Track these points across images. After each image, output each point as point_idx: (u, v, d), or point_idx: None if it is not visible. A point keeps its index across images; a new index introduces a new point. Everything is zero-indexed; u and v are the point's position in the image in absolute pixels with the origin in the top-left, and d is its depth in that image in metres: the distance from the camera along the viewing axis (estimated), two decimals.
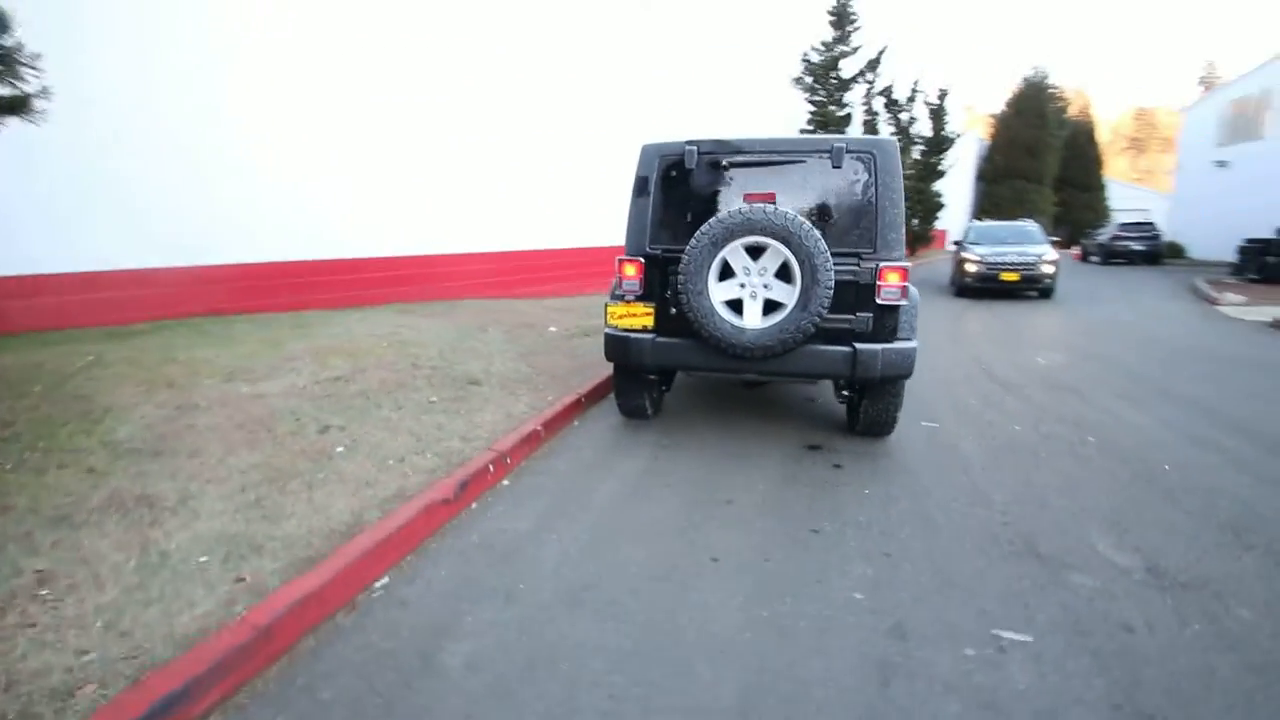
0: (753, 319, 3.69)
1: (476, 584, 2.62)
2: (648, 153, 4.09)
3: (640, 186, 4.08)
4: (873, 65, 15.70)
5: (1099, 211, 33.30)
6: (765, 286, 3.66)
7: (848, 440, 4.37)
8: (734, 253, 3.63)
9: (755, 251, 3.64)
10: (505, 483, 3.60)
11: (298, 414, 4.12)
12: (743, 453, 4.10)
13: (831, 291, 3.51)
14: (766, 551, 2.87)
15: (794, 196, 3.79)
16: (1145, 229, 20.01)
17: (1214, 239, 19.14)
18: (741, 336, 3.65)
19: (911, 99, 18.64)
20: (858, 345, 3.67)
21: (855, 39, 15.23)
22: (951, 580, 2.64)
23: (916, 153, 19.83)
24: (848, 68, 15.52)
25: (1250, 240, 15.53)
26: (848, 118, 15.67)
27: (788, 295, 3.61)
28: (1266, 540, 3.00)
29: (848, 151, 3.72)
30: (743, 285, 3.69)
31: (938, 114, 21.49)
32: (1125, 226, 20.63)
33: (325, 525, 2.82)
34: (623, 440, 4.35)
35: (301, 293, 8.18)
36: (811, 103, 15.50)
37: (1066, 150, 33.02)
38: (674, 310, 3.99)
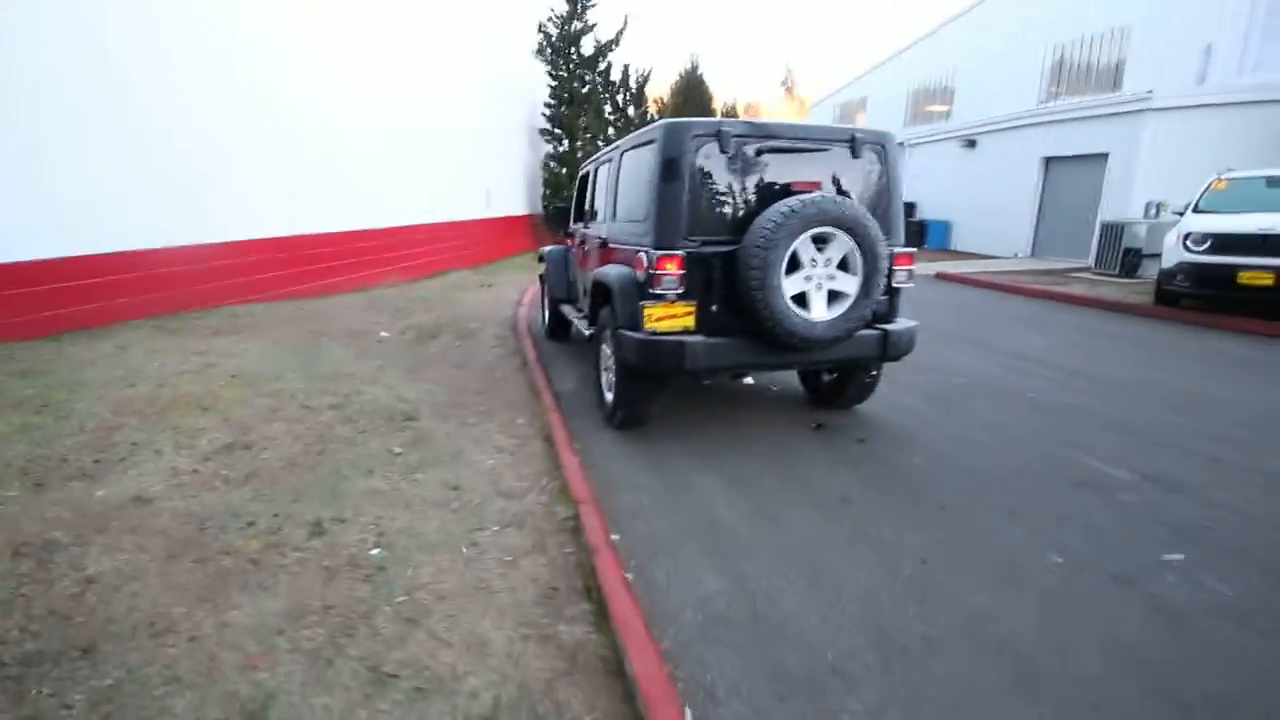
0: (819, 311, 3.52)
1: None
2: (677, 132, 3.52)
3: (670, 170, 3.50)
4: (611, 45, 16.01)
5: None
6: (830, 277, 3.52)
7: (835, 414, 4.52)
8: (804, 244, 3.40)
9: (820, 242, 3.46)
10: (616, 538, 2.85)
11: (238, 514, 2.63)
12: (784, 447, 3.93)
13: (885, 279, 3.56)
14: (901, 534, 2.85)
15: (822, 185, 3.70)
16: None
17: None
18: (813, 330, 3.47)
19: (625, 81, 19.58)
20: (886, 326, 3.81)
21: (592, 15, 15.32)
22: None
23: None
24: (588, 45, 15.56)
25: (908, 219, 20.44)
26: (590, 95, 15.80)
27: (850, 285, 3.54)
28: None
29: (864, 142, 3.75)
30: (808, 278, 3.49)
31: (639, 98, 23.05)
32: None
33: None
34: (655, 460, 3.77)
35: None
36: (553, 77, 15.18)
37: None
38: (714, 308, 3.59)
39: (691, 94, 35.75)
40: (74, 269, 5.79)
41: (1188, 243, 7.45)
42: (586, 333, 4.80)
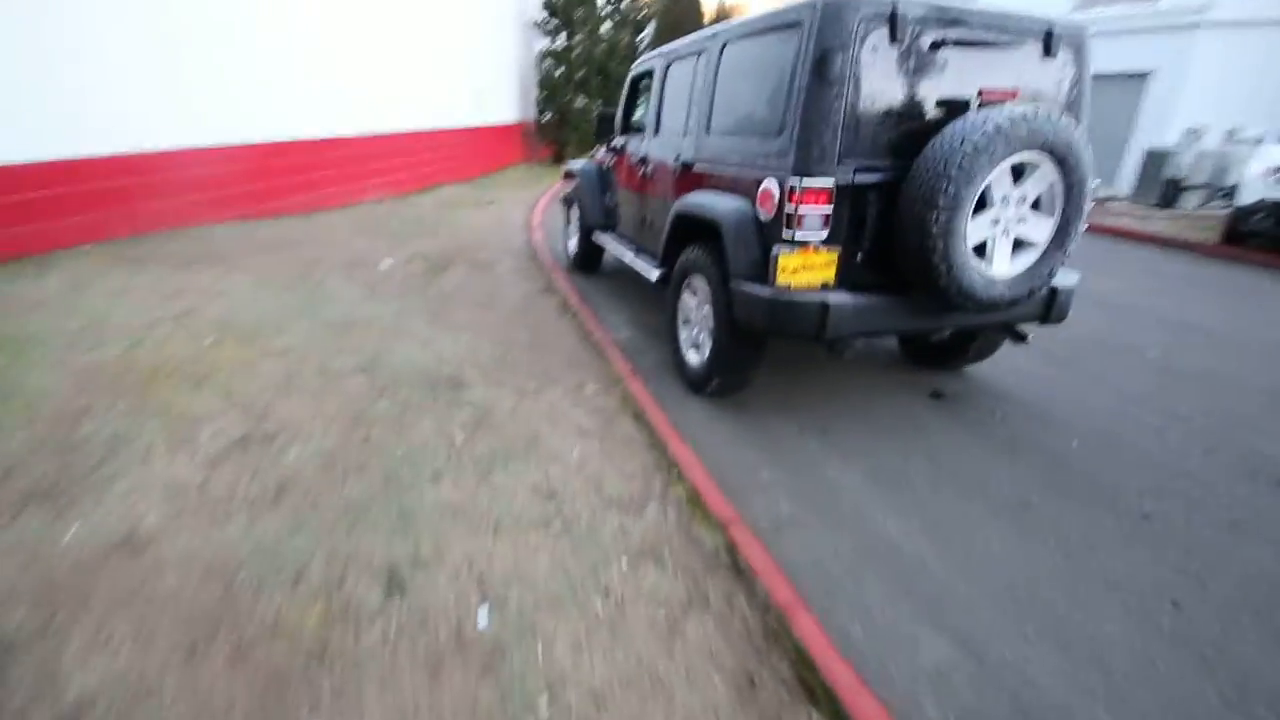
0: (1002, 264, 2.72)
1: None
2: (839, 10, 2.53)
3: (825, 66, 2.55)
4: None
5: None
6: (1020, 220, 2.70)
7: (942, 376, 3.84)
8: (999, 176, 2.55)
9: (1016, 174, 2.62)
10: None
11: (277, 557, 1.85)
12: (910, 423, 3.24)
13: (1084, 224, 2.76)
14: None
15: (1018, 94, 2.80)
16: None
17: None
18: (993, 289, 2.68)
19: None
20: (1054, 283, 3.04)
21: None
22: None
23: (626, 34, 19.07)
24: None
25: None
26: None
27: (1041, 231, 2.73)
28: None
29: (1061, 38, 2.84)
30: (995, 220, 2.66)
31: None
32: None
33: None
34: (767, 441, 3.04)
35: None
36: None
37: None
38: (859, 256, 2.76)
39: None
40: (7, 180, 4.60)
41: (1275, 177, 6.73)
42: (653, 276, 3.94)
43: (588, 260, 5.89)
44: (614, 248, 4.97)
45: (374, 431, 2.61)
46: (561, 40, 13.84)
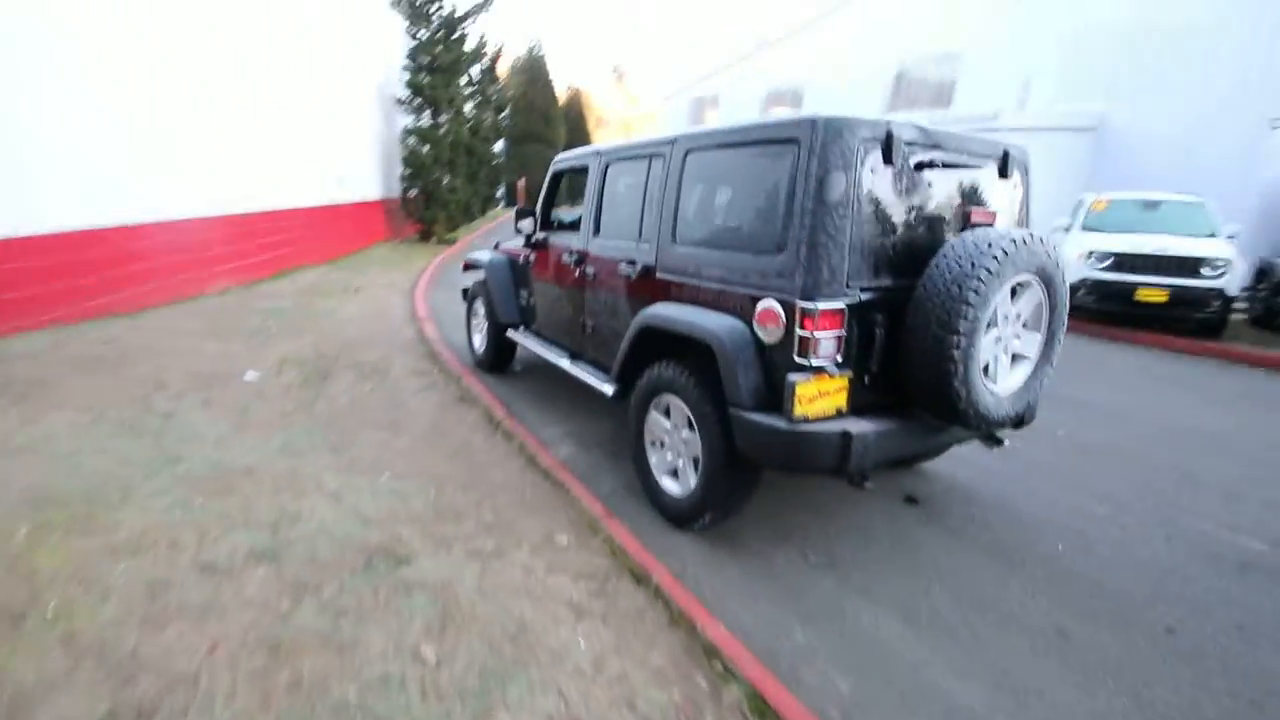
0: (1005, 381, 2.63)
1: None
2: (840, 131, 2.35)
3: (829, 186, 2.35)
4: (484, 4, 13.73)
5: None
6: (1015, 337, 2.64)
7: (895, 473, 3.72)
8: (1003, 296, 2.47)
9: (1013, 293, 2.56)
10: None
11: None
12: (901, 539, 3.02)
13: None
14: None
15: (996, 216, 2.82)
16: None
17: None
18: (1001, 407, 2.57)
19: (479, 53, 17.37)
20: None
21: None
22: None
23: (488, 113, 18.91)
24: (462, 4, 13.21)
25: None
26: (458, 62, 13.50)
27: (1032, 346, 2.69)
28: None
29: (1014, 160, 2.92)
30: (998, 339, 2.57)
31: (491, 73, 20.84)
32: None
33: None
34: (773, 581, 2.63)
35: None
36: (413, 37, 12.69)
37: (566, 119, 36.99)
38: (867, 378, 2.55)
39: (535, 75, 33.84)
40: None
41: (1091, 260, 7.86)
42: (606, 390, 3.51)
43: (499, 358, 5.31)
44: (538, 348, 4.49)
45: (305, 668, 1.85)
46: (426, 118, 13.29)
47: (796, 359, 2.41)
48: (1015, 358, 2.70)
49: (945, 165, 2.67)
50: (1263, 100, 11.72)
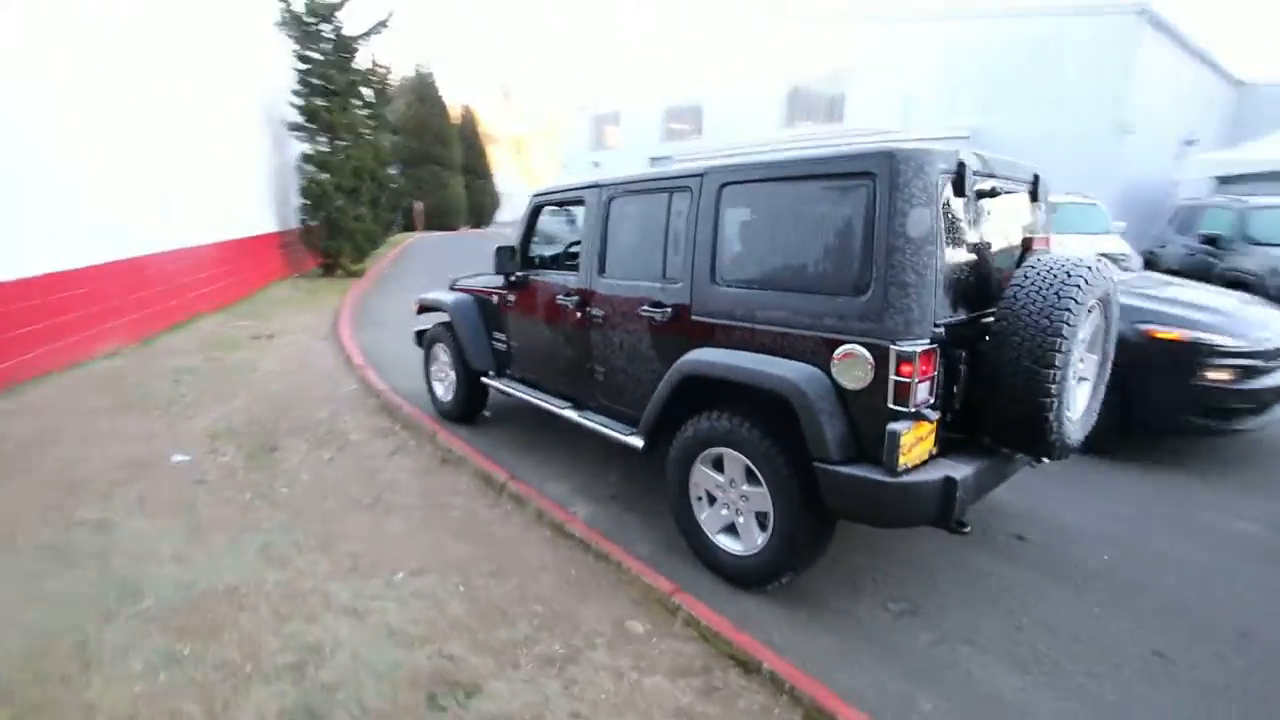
0: (1078, 406, 2.59)
1: None
2: (920, 165, 2.20)
3: (912, 221, 2.19)
4: (382, 25, 12.75)
5: (493, 198, 37.79)
6: (1080, 360, 2.60)
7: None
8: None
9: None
10: None
11: None
12: (1031, 592, 2.92)
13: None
14: None
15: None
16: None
17: None
18: (1076, 432, 2.52)
19: (371, 75, 16.27)
20: None
21: None
22: None
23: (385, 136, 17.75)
24: (353, 25, 12.19)
25: None
26: (354, 85, 12.48)
27: (1091, 367, 2.68)
28: None
29: (1042, 186, 2.92)
30: (1076, 365, 2.52)
31: (382, 95, 19.71)
32: None
33: None
34: (906, 660, 2.42)
35: None
36: (303, 59, 11.58)
37: (462, 139, 35.79)
38: (949, 417, 2.42)
39: (424, 94, 32.60)
40: None
41: None
42: (635, 443, 3.20)
43: (470, 407, 4.81)
44: (528, 397, 4.09)
45: None
46: (324, 144, 12.24)
47: (893, 406, 2.23)
48: (1079, 380, 2.68)
49: (999, 193, 2.61)
50: (1114, 109, 13.25)
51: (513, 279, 4.15)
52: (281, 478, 3.82)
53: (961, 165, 2.34)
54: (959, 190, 2.36)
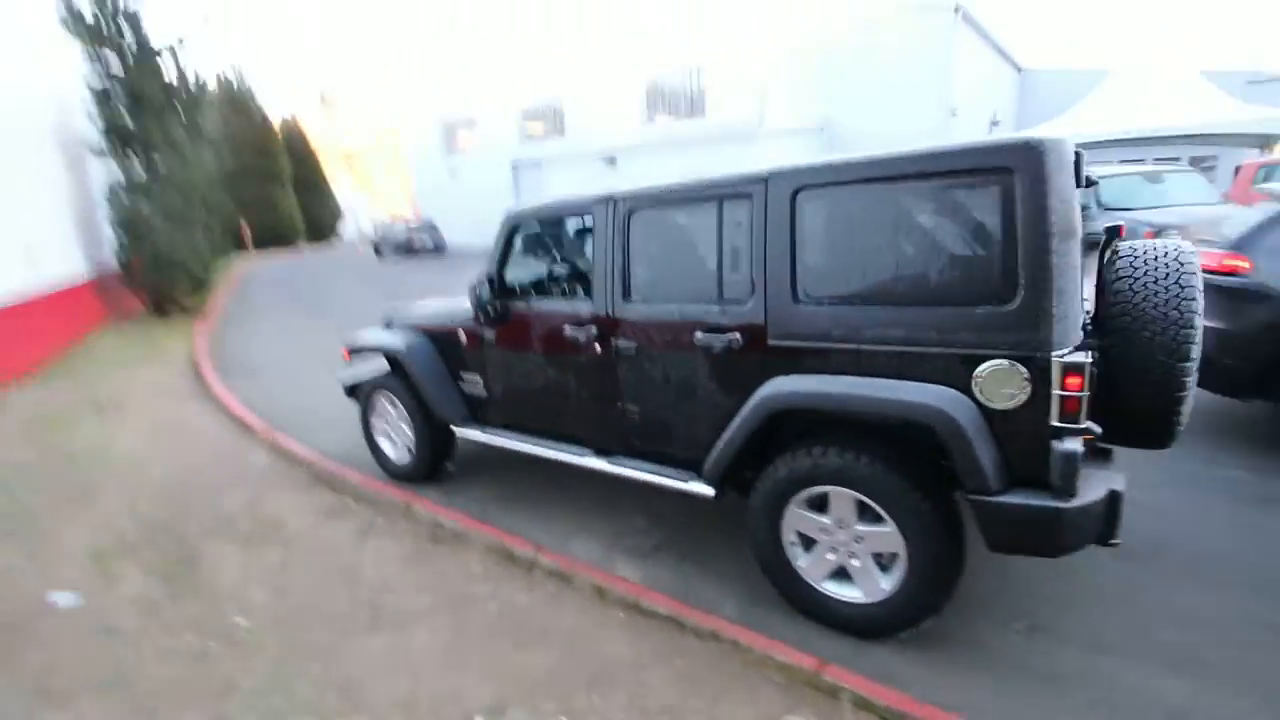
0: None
1: None
2: (1060, 155, 1.99)
3: (1059, 218, 1.95)
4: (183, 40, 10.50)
5: (333, 211, 34.25)
6: None
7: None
8: None
9: None
10: None
11: None
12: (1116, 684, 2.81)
13: None
14: None
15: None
16: (431, 228, 21.96)
17: (458, 232, 22.46)
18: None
19: (183, 86, 13.61)
20: None
21: None
22: None
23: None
24: (159, 34, 9.86)
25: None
26: (168, 93, 10.25)
27: None
28: None
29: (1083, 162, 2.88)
30: None
31: (195, 104, 16.92)
32: (414, 227, 21.92)
33: None
34: None
35: None
36: (107, 74, 9.22)
37: (290, 152, 32.03)
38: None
39: (239, 106, 28.91)
40: None
41: None
42: (706, 491, 2.75)
43: (435, 464, 4.05)
44: (528, 449, 3.47)
45: None
46: (138, 168, 10.07)
47: (1058, 423, 2.01)
48: None
49: (1096, 181, 2.51)
50: (944, 93, 14.69)
51: (489, 310, 3.48)
52: (228, 603, 2.89)
53: (1079, 155, 2.17)
54: (1079, 182, 2.20)
